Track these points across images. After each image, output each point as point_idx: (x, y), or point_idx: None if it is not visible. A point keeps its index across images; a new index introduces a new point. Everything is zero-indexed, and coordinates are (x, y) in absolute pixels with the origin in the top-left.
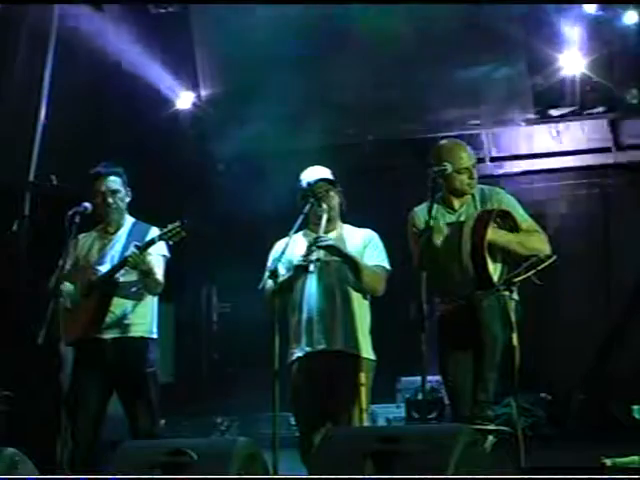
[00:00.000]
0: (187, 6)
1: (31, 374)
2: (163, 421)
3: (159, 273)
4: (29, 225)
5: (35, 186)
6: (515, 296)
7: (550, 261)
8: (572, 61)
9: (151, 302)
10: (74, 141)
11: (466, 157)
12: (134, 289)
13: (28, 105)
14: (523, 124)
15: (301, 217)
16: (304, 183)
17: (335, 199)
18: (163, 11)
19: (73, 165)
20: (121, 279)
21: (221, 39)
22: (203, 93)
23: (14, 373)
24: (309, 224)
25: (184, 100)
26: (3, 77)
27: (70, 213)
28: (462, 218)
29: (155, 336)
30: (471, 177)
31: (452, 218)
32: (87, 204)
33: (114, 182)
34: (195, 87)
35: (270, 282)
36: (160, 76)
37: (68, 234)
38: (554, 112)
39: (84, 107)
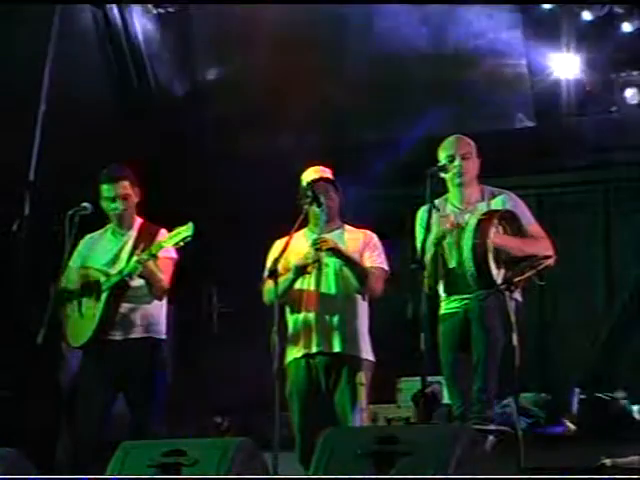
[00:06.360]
0: (187, 6)
1: (31, 374)
2: None
3: (164, 278)
4: (29, 225)
5: (35, 186)
6: (517, 296)
7: (550, 261)
8: (571, 62)
9: (160, 302)
10: (74, 141)
11: (471, 149)
12: (143, 291)
13: (28, 105)
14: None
15: (301, 217)
16: (304, 183)
17: (335, 199)
18: (162, 11)
19: (73, 165)
20: (130, 282)
21: (221, 37)
22: (203, 92)
23: (14, 373)
24: (309, 224)
25: (187, 99)
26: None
27: (70, 213)
28: (467, 218)
29: (164, 337)
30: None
31: (459, 218)
32: (87, 204)
33: (124, 187)
34: (195, 87)
35: (270, 282)
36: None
37: (68, 234)
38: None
39: (83, 107)
